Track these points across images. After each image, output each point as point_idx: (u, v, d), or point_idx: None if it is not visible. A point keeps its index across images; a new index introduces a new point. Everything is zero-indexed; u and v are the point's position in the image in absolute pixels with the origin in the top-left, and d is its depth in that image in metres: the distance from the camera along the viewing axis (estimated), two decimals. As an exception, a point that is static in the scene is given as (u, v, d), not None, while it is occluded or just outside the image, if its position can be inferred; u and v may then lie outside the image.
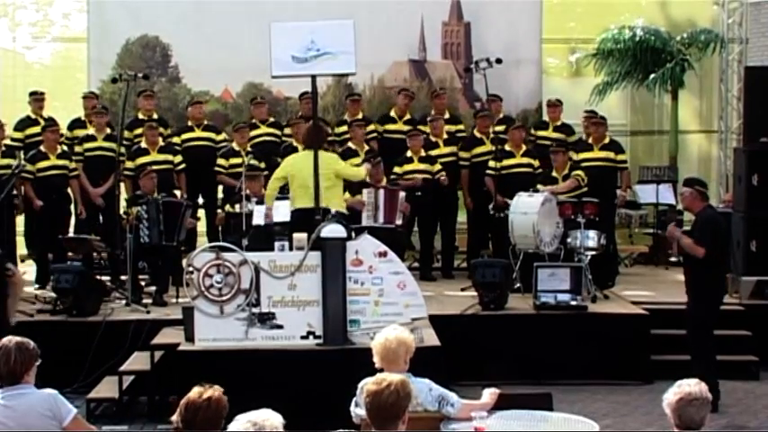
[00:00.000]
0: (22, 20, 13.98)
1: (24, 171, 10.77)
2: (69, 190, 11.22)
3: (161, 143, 11.40)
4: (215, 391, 4.16)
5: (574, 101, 13.20)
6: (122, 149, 11.13)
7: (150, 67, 12.90)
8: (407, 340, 5.33)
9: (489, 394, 5.58)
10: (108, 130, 11.47)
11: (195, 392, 4.15)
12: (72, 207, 11.35)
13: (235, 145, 11.47)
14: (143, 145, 11.33)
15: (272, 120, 12.05)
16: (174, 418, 4.14)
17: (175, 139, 11.88)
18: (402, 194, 10.72)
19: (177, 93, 13.14)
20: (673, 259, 8.67)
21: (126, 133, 11.52)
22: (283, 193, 9.24)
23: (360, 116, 12.07)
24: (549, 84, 14.02)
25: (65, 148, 11.37)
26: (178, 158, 11.41)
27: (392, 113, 12.29)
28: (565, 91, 13.75)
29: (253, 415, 3.97)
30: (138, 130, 11.70)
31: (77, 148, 11.48)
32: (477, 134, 11.82)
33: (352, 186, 10.89)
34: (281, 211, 9.09)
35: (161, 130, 11.71)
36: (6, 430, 5.06)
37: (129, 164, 11.16)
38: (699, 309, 8.44)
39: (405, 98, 12.28)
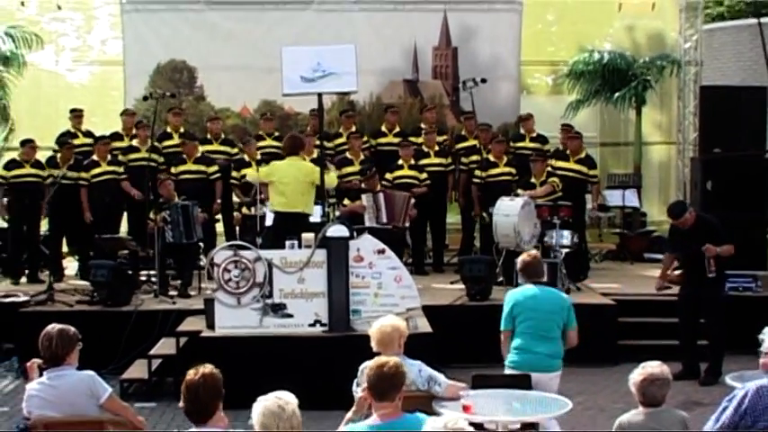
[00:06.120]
0: (65, 45, 13.97)
1: (69, 179, 10.92)
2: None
3: (197, 155, 11.37)
4: (206, 367, 4.11)
5: (552, 116, 13.18)
6: (154, 156, 11.23)
7: (179, 88, 12.96)
8: (401, 326, 5.32)
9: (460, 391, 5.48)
10: (150, 142, 11.52)
11: (190, 374, 4.08)
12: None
13: (246, 157, 11.44)
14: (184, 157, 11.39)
15: (277, 134, 11.89)
16: (181, 404, 4.08)
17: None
18: (412, 201, 10.71)
19: (202, 110, 13.15)
20: (711, 275, 8.70)
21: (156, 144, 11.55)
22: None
23: (353, 129, 12.02)
24: (531, 101, 14.00)
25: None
26: (212, 169, 11.34)
27: (383, 128, 12.26)
28: (544, 107, 13.74)
29: (277, 394, 3.90)
30: (168, 142, 11.76)
31: (122, 158, 11.51)
32: (492, 158, 11.37)
33: (350, 193, 10.91)
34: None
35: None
36: (49, 407, 5.06)
37: (173, 170, 11.19)
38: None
39: (393, 115, 12.28)
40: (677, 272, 8.92)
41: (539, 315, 6.19)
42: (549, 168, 11.02)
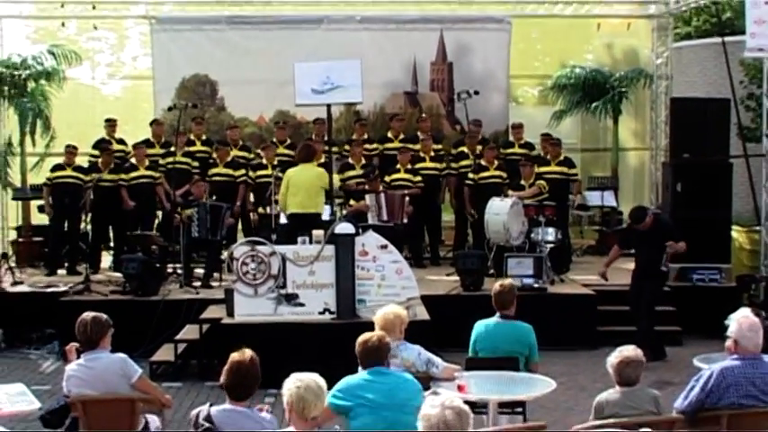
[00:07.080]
0: (101, 61, 14.04)
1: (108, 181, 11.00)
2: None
3: (227, 159, 11.35)
4: (248, 352, 4.12)
5: (538, 124, 13.18)
6: (187, 160, 11.34)
7: (202, 99, 12.94)
8: (402, 314, 5.34)
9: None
10: (186, 148, 11.59)
11: (237, 355, 4.09)
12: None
13: (264, 161, 11.42)
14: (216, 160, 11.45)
15: (289, 142, 11.91)
16: (223, 379, 4.06)
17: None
18: (407, 199, 10.74)
19: (223, 119, 13.13)
20: (664, 269, 8.93)
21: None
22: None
23: (365, 136, 12.02)
24: (519, 110, 14.00)
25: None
26: (239, 173, 11.33)
27: (389, 134, 12.25)
28: (531, 116, 13.73)
29: (312, 376, 3.91)
30: (192, 148, 11.76)
31: (162, 161, 11.53)
32: (484, 162, 11.38)
33: (355, 194, 10.91)
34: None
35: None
36: (86, 386, 5.07)
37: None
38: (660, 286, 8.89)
39: (398, 122, 12.27)
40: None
41: (496, 354, 5.92)
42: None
